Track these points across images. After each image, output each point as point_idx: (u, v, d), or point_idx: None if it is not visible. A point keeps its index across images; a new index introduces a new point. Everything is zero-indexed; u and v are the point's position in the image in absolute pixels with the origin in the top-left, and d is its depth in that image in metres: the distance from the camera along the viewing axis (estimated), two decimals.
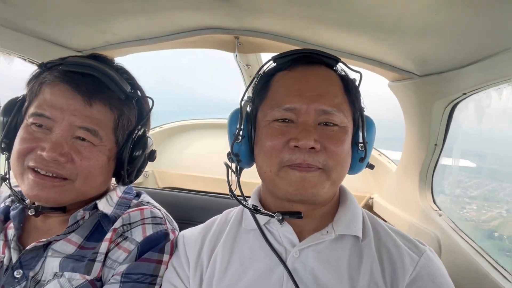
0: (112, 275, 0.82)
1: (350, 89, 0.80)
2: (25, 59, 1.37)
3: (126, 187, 1.01)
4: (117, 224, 0.88)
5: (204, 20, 1.31)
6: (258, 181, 0.87)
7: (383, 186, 2.11)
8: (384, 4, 0.94)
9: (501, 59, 1.00)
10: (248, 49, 1.52)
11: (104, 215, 0.90)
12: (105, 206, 0.90)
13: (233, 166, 0.85)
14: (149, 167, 2.54)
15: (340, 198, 0.85)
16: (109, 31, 1.37)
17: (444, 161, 1.54)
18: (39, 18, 1.21)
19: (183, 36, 1.41)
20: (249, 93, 0.87)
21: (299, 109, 0.74)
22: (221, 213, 0.95)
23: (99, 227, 0.89)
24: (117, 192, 0.97)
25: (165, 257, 0.87)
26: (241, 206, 0.84)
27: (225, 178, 0.84)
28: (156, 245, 0.86)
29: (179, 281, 0.82)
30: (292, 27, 1.26)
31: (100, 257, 0.83)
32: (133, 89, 0.92)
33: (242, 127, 0.80)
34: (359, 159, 0.80)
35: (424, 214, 1.50)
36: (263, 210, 0.80)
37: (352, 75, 0.85)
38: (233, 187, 0.84)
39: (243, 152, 0.82)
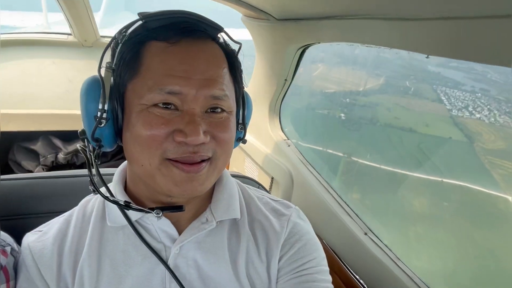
0: None
1: (235, 68, 0.71)
2: None
3: None
4: None
5: None
6: None
7: None
8: None
9: (357, 23, 1.03)
10: None
11: None
12: None
13: (90, 148, 0.68)
14: None
15: None
16: None
17: None
18: None
19: None
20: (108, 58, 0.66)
21: (185, 95, 0.62)
22: (74, 203, 0.78)
23: None
24: None
25: None
26: (100, 195, 0.69)
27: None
28: None
29: None
30: None
31: None
32: None
33: (106, 109, 0.63)
34: (237, 138, 0.75)
35: (276, 145, 1.63)
36: (136, 206, 0.67)
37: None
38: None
39: (106, 137, 0.66)
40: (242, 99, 0.74)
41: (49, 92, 2.06)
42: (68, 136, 2.10)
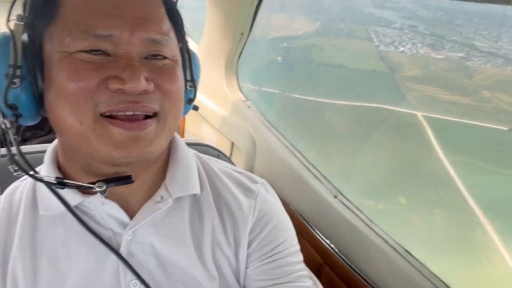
0: None
1: (174, 13, 0.59)
2: None
3: None
4: None
5: None
6: None
7: None
8: None
9: None
10: None
11: None
12: None
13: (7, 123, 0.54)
14: None
15: (170, 148, 0.68)
16: None
17: None
18: None
19: None
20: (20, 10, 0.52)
21: (119, 38, 0.50)
22: None
23: None
24: None
25: None
26: (29, 178, 0.58)
27: None
28: None
29: None
30: None
31: None
32: None
33: (19, 64, 0.50)
34: (188, 100, 0.64)
35: (235, 107, 1.50)
36: (71, 182, 0.55)
37: None
38: None
39: (24, 103, 0.52)
40: (188, 55, 0.61)
41: None
42: None
